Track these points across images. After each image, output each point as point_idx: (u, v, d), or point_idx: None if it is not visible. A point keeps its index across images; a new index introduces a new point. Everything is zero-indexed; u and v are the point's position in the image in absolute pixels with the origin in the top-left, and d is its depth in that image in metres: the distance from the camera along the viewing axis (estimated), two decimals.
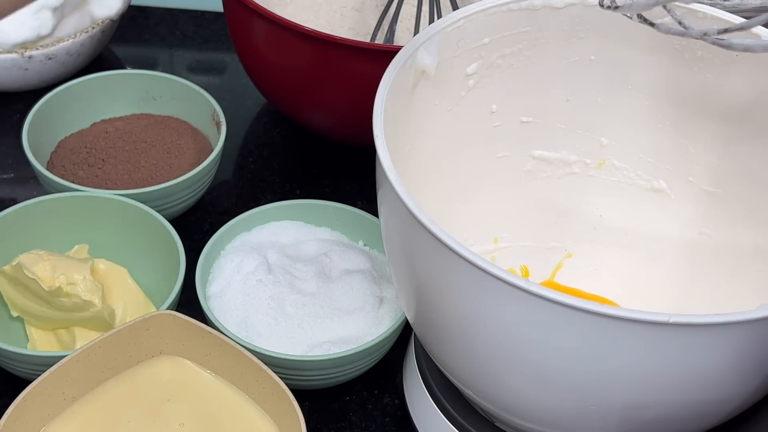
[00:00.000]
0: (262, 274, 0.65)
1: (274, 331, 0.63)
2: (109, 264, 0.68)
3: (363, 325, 0.64)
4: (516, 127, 0.63)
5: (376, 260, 0.69)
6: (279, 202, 0.70)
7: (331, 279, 0.66)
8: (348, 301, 0.65)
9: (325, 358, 0.61)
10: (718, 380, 0.46)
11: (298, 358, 0.61)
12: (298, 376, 0.62)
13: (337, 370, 0.62)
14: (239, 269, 0.66)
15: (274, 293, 0.65)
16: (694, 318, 0.42)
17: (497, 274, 0.43)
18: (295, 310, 0.64)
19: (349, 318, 0.64)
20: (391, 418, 0.65)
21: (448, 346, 0.51)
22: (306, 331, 0.63)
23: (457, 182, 0.62)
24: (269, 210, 0.70)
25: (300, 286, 0.65)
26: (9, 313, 0.65)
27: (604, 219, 0.66)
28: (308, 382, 0.63)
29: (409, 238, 0.48)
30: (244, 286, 0.65)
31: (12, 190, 0.79)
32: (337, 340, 0.63)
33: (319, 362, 0.61)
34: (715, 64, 0.58)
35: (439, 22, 0.56)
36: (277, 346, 0.62)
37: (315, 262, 0.67)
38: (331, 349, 0.62)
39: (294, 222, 0.70)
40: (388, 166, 0.48)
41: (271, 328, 0.63)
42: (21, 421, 0.54)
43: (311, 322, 0.64)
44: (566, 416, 0.49)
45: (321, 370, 0.62)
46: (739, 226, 0.61)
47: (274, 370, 0.56)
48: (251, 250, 0.67)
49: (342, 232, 0.71)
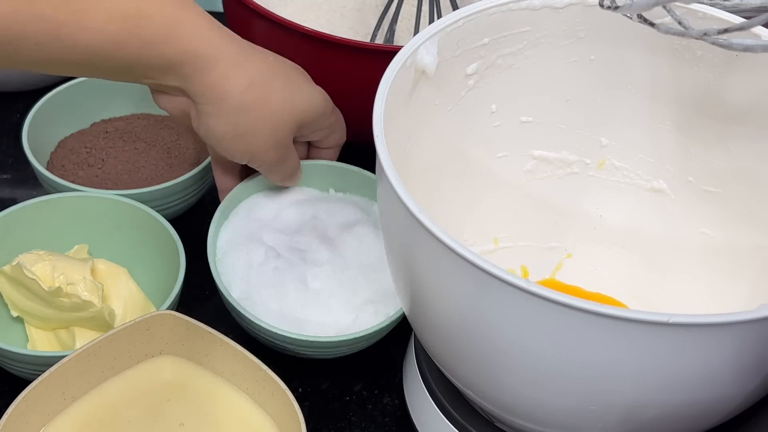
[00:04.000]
0: (274, 260, 0.65)
1: (313, 312, 0.63)
2: (109, 264, 0.68)
3: None
4: (516, 127, 0.63)
5: (359, 204, 0.69)
6: (239, 185, 0.69)
7: (334, 239, 0.66)
8: (364, 254, 0.65)
9: (392, 319, 0.62)
10: (718, 380, 0.46)
11: (370, 329, 0.62)
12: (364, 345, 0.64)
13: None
14: (250, 264, 0.65)
15: (294, 275, 0.64)
16: (694, 318, 0.42)
17: (497, 274, 0.43)
18: (321, 283, 0.64)
19: (374, 270, 0.64)
20: (391, 418, 0.65)
21: (448, 346, 0.51)
22: (341, 300, 0.63)
23: (457, 182, 0.62)
24: (234, 194, 0.69)
25: (312, 258, 0.65)
26: (9, 313, 0.65)
27: (604, 219, 0.66)
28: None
29: (409, 238, 0.48)
30: (263, 279, 0.64)
31: (12, 190, 0.79)
32: (377, 297, 0.64)
33: (387, 327, 0.62)
34: (715, 64, 0.58)
35: (439, 22, 0.56)
36: (325, 326, 0.63)
37: (309, 228, 0.67)
38: (378, 307, 0.63)
39: (260, 194, 0.70)
40: (388, 166, 0.48)
41: (307, 310, 0.63)
42: (21, 421, 0.54)
43: (342, 288, 0.64)
44: (566, 416, 0.49)
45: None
46: (739, 226, 0.61)
47: (342, 350, 0.61)
48: (247, 240, 0.67)
49: (308, 185, 0.71)
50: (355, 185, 0.71)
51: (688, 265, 0.64)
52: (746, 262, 0.61)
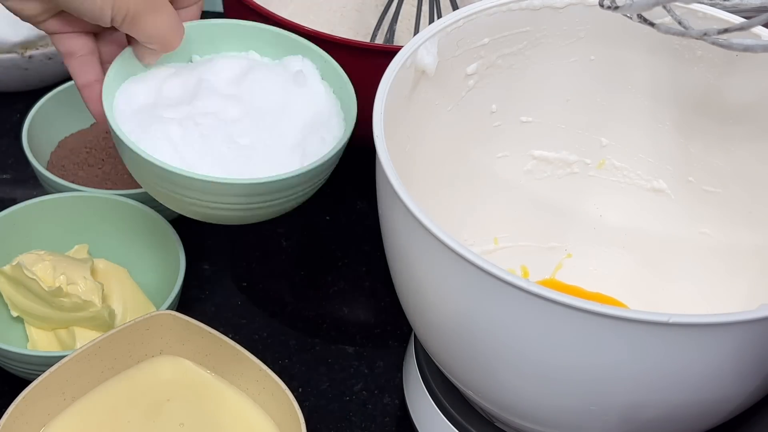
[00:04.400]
0: (194, 129, 0.58)
1: (257, 167, 0.57)
2: (109, 264, 0.68)
3: (309, 95, 0.61)
4: (516, 127, 0.63)
5: (237, 56, 0.63)
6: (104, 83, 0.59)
7: (234, 94, 0.60)
8: (273, 96, 0.60)
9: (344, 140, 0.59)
10: (718, 380, 0.46)
11: (331, 151, 0.58)
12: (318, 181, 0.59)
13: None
14: (174, 142, 0.57)
15: (221, 136, 0.58)
16: (694, 318, 0.42)
17: (497, 274, 0.43)
18: (251, 137, 0.58)
19: (293, 105, 0.60)
20: (391, 418, 0.65)
21: (448, 346, 0.51)
22: (280, 145, 0.58)
23: (457, 182, 0.62)
24: (104, 92, 0.59)
25: (226, 117, 0.59)
26: (9, 313, 0.65)
27: (604, 219, 0.66)
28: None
29: (409, 238, 0.48)
30: (195, 150, 0.57)
31: (12, 190, 0.79)
32: (313, 128, 0.60)
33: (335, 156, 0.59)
34: (715, 64, 0.58)
35: (439, 21, 0.56)
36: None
37: (203, 92, 0.60)
38: (322, 134, 0.59)
39: (127, 83, 0.60)
40: (388, 166, 0.48)
41: (251, 167, 0.57)
42: (21, 421, 0.54)
43: (273, 135, 0.59)
44: (566, 416, 0.49)
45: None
46: (739, 226, 0.61)
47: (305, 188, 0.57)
48: (152, 125, 0.58)
49: (170, 60, 0.63)
50: (225, 44, 0.64)
51: (688, 265, 0.64)
52: (746, 262, 0.61)
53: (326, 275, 0.74)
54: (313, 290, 0.73)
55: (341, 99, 0.62)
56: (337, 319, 0.71)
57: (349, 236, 0.76)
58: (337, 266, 0.74)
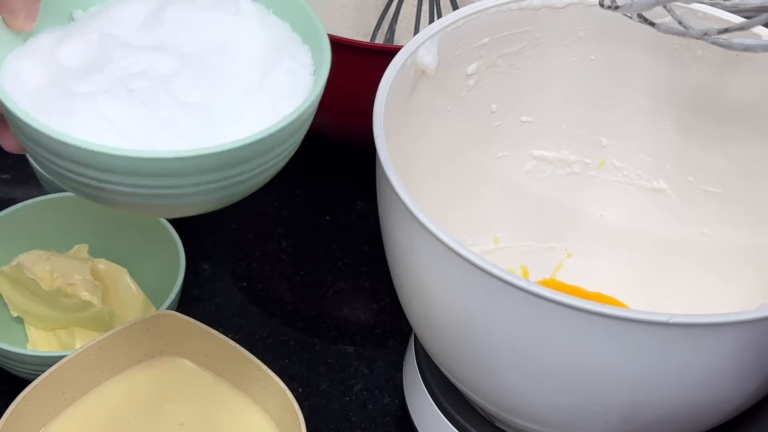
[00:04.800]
0: (128, 99, 0.44)
1: (223, 129, 0.44)
2: (109, 264, 0.68)
3: (249, 20, 0.48)
4: (516, 127, 0.63)
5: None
6: None
7: (155, 44, 0.47)
8: (206, 37, 0.48)
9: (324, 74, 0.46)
10: (718, 380, 0.46)
11: (314, 90, 0.45)
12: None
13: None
14: (109, 118, 0.43)
15: (166, 100, 0.45)
16: (694, 318, 0.42)
17: (497, 274, 0.43)
18: (200, 93, 0.45)
19: (236, 44, 0.47)
20: (391, 418, 0.65)
21: (448, 346, 0.51)
22: (238, 96, 0.46)
23: (457, 182, 0.62)
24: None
25: (159, 74, 0.46)
26: (9, 313, 0.65)
27: (604, 219, 0.66)
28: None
29: (409, 238, 0.48)
30: (142, 124, 0.44)
31: (12, 190, 0.78)
32: (260, 58, 0.47)
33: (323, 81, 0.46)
34: (715, 64, 0.58)
35: (439, 21, 0.56)
36: (251, 129, 0.44)
37: (116, 50, 0.47)
38: (292, 67, 0.47)
39: (5, 64, 0.46)
40: (388, 166, 0.48)
41: (216, 131, 0.44)
42: (21, 421, 0.54)
43: (226, 83, 0.46)
44: (566, 416, 0.49)
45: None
46: (739, 226, 0.61)
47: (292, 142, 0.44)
48: (71, 102, 0.44)
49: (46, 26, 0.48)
50: None
51: (688, 265, 0.64)
52: (746, 262, 0.61)
53: (326, 275, 0.74)
54: (313, 290, 0.73)
55: (303, 34, 0.49)
56: (337, 319, 0.71)
57: (349, 236, 0.76)
58: (337, 266, 0.74)
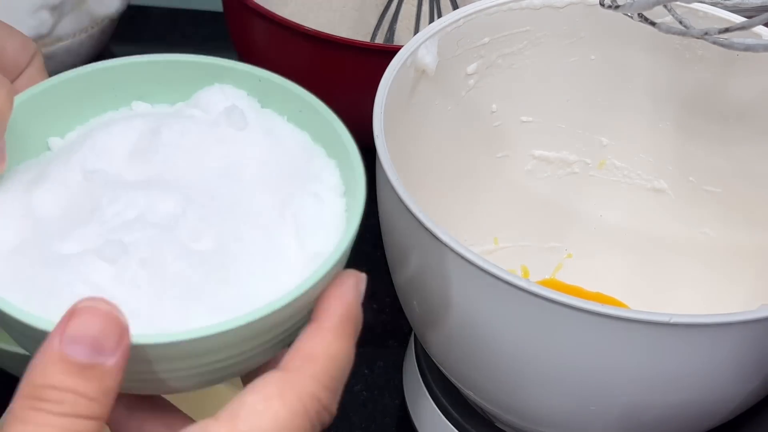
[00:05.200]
0: (125, 258, 0.36)
1: (231, 291, 0.36)
2: None
3: (260, 136, 0.40)
4: (516, 126, 0.63)
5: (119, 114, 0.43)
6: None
7: (138, 177, 0.39)
8: (202, 152, 0.39)
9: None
10: (718, 380, 0.46)
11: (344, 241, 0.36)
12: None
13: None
14: (101, 287, 0.35)
15: (176, 251, 0.36)
16: (694, 318, 0.42)
17: (497, 274, 0.43)
18: (213, 239, 0.37)
19: (240, 160, 0.39)
20: (391, 418, 0.65)
21: (448, 346, 0.51)
22: (249, 232, 0.38)
23: (457, 182, 0.62)
24: None
25: (157, 218, 0.37)
26: None
27: (604, 219, 0.66)
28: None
29: (409, 238, 0.48)
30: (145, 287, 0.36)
31: None
32: (277, 185, 0.39)
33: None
34: (715, 64, 0.58)
35: (439, 21, 0.56)
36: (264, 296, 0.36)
37: (95, 187, 0.38)
38: (289, 202, 0.38)
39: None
40: (388, 166, 0.48)
41: (231, 299, 0.36)
42: None
43: (229, 222, 0.38)
44: (566, 416, 0.49)
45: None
46: (739, 226, 0.61)
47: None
48: (50, 270, 0.36)
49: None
50: (89, 105, 0.43)
51: (688, 264, 0.64)
52: (746, 262, 0.61)
53: None
54: None
55: (325, 144, 0.41)
56: None
57: None
58: None
